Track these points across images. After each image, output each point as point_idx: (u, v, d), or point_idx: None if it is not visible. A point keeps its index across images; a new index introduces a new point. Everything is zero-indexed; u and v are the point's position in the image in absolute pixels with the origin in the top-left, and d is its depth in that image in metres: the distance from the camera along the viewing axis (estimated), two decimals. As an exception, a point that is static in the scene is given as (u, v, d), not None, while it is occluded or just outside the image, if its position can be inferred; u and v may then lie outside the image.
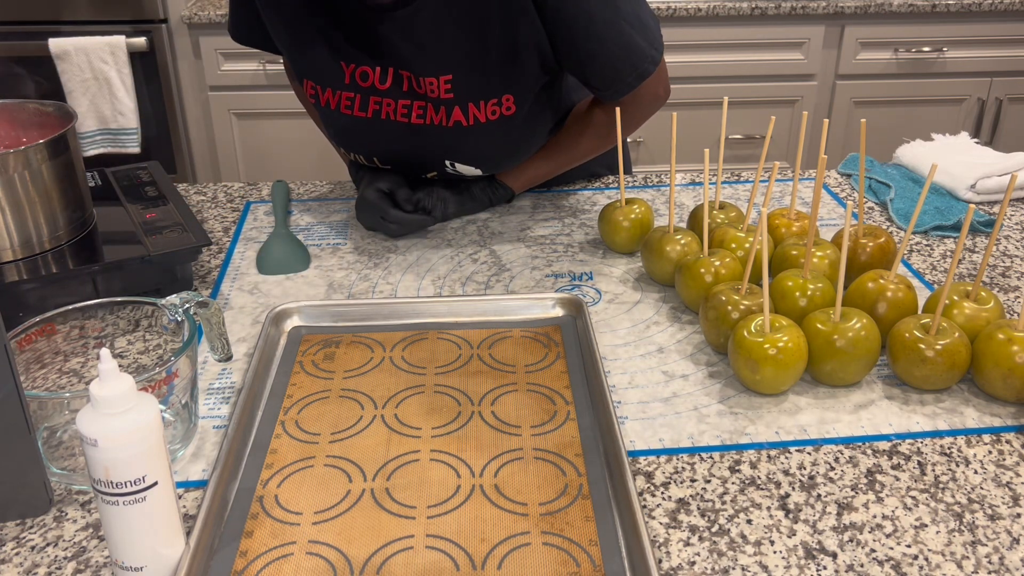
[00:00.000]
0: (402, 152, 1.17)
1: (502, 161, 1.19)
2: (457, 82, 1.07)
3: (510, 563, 0.67)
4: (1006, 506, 0.73)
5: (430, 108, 1.10)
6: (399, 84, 1.10)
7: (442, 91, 1.08)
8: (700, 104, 2.58)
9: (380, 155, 1.18)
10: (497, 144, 1.15)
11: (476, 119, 1.10)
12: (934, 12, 2.56)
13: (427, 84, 1.08)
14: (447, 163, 1.17)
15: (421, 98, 1.10)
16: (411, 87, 1.10)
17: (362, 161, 1.21)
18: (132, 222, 1.09)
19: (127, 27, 2.45)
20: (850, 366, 0.85)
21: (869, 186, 1.31)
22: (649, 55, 1.09)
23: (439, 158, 1.17)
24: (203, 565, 0.67)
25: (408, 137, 1.14)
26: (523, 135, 1.16)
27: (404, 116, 1.12)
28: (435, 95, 1.08)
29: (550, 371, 0.89)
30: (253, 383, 0.86)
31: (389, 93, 1.11)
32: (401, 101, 1.11)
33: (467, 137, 1.12)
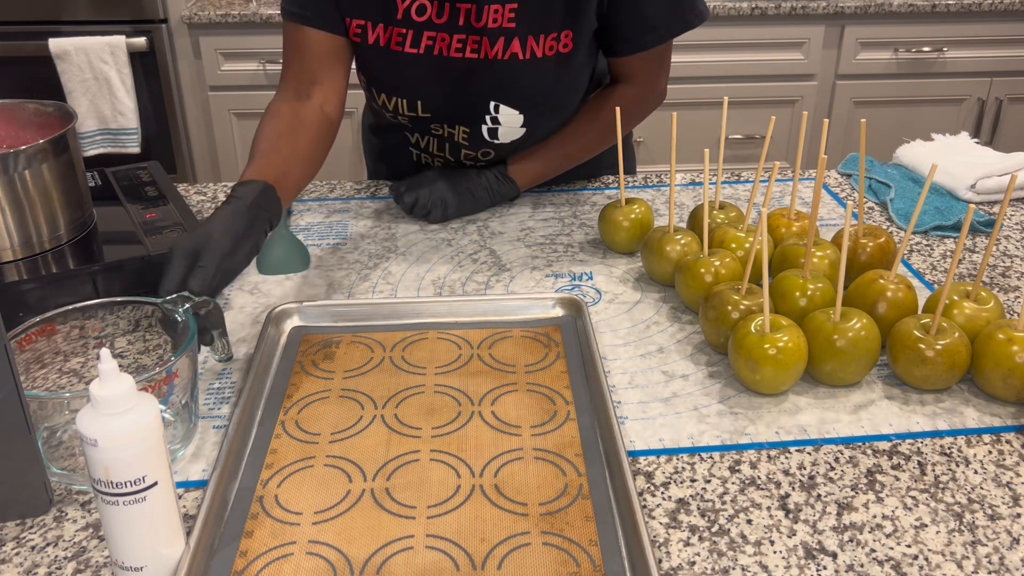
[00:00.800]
0: (449, 95, 1.16)
1: (545, 110, 1.19)
2: (522, 11, 1.08)
3: (510, 563, 0.67)
4: (1006, 506, 0.73)
5: (486, 42, 1.10)
6: (455, 18, 1.10)
7: (505, 19, 1.08)
8: (700, 104, 2.58)
9: (425, 97, 1.17)
10: (547, 85, 1.15)
11: (533, 53, 1.11)
12: (934, 12, 2.56)
13: (490, 12, 1.08)
14: (492, 107, 1.16)
15: (478, 32, 1.10)
16: (468, 21, 1.09)
17: (401, 109, 1.18)
18: (132, 222, 1.09)
19: (127, 27, 2.45)
20: (850, 366, 0.85)
21: (869, 186, 1.31)
22: (697, 10, 1.14)
23: (486, 99, 1.16)
24: (203, 565, 0.67)
25: (459, 75, 1.13)
26: (571, 81, 1.17)
27: (458, 52, 1.11)
28: (496, 24, 1.09)
29: (550, 371, 0.89)
30: (253, 383, 0.86)
31: (445, 27, 1.11)
32: (456, 36, 1.11)
33: (520, 73, 1.12)
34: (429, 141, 1.25)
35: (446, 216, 1.21)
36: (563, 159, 1.26)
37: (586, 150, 1.26)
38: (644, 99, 1.23)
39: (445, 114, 1.19)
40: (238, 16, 2.47)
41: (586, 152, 1.26)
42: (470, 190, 1.22)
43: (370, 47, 1.14)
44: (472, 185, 1.23)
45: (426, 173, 1.24)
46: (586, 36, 1.12)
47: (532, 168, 1.25)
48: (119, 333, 0.89)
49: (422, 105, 1.18)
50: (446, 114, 1.19)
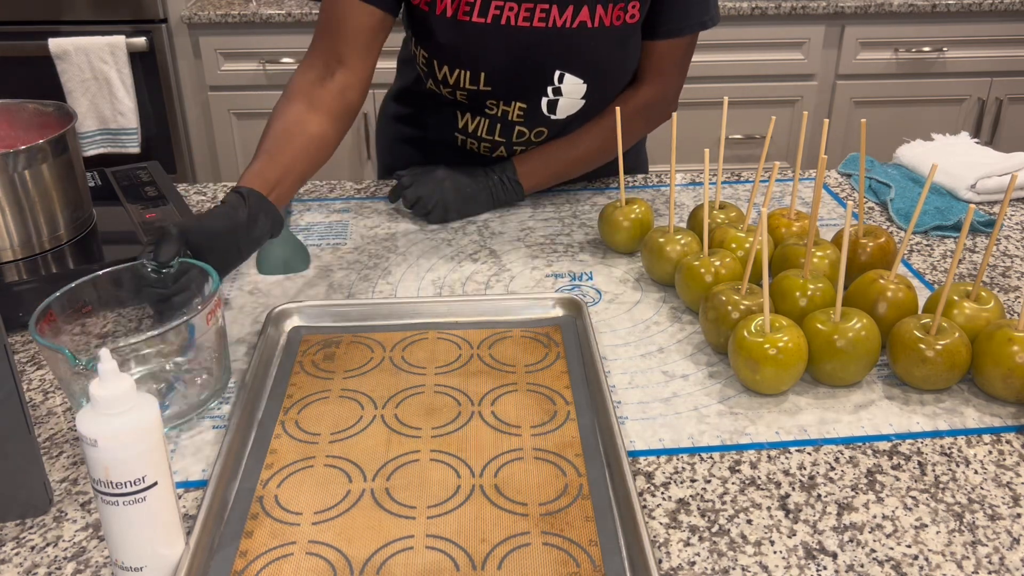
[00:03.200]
0: (514, 64, 1.15)
1: (609, 78, 1.20)
2: None
3: (510, 563, 0.67)
4: (1006, 506, 0.73)
5: (555, 9, 1.11)
6: None
7: None
8: (700, 104, 2.58)
9: (489, 68, 1.16)
10: (612, 53, 1.17)
11: (601, 22, 1.12)
12: (934, 12, 2.56)
13: None
14: (556, 76, 1.16)
15: (546, 0, 1.10)
16: None
17: (464, 84, 1.17)
18: (132, 222, 1.09)
19: (127, 27, 2.45)
20: (850, 366, 0.85)
21: (869, 186, 1.31)
22: (712, 13, 1.20)
23: (552, 68, 1.16)
24: (203, 565, 0.67)
25: (525, 44, 1.13)
26: (633, 51, 1.19)
27: (526, 20, 1.12)
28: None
29: (550, 371, 0.89)
30: (253, 383, 0.86)
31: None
32: (524, 4, 1.11)
33: (588, 41, 1.13)
34: (480, 123, 1.23)
35: (446, 218, 1.21)
36: (573, 164, 1.25)
37: (598, 156, 1.26)
38: (657, 103, 1.24)
39: (507, 87, 1.18)
40: (238, 16, 2.47)
41: (597, 158, 1.26)
42: (474, 194, 1.22)
43: (437, 18, 1.13)
44: (477, 188, 1.22)
45: (434, 172, 1.23)
46: (648, 6, 1.15)
47: (541, 171, 1.25)
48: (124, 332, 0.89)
49: (485, 77, 1.16)
50: (508, 87, 1.18)
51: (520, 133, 1.23)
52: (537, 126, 1.22)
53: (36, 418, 0.84)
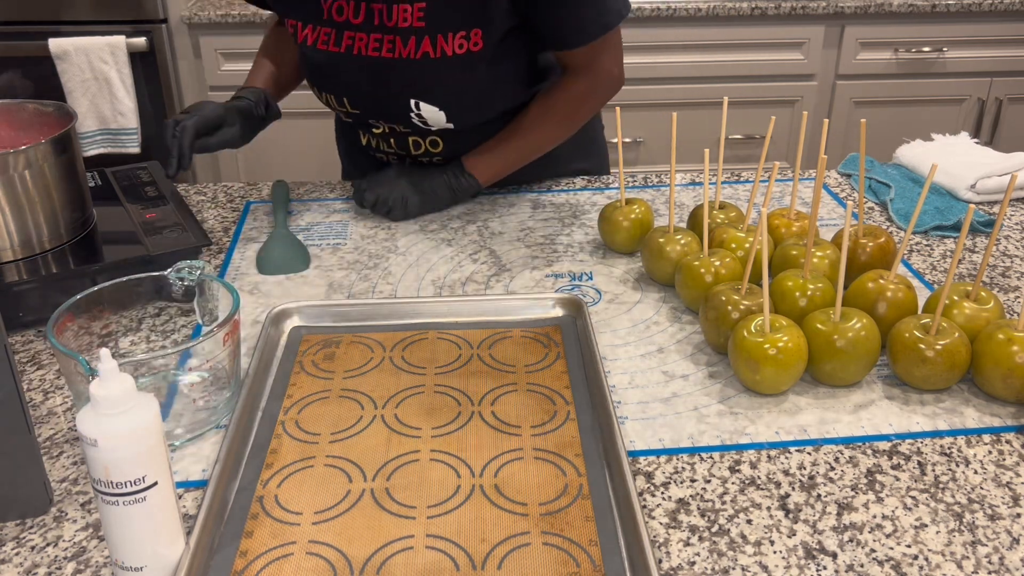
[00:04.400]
0: (371, 92, 1.18)
1: (467, 106, 1.19)
2: (429, 10, 1.09)
3: (510, 563, 0.67)
4: (1006, 506, 0.73)
5: (399, 41, 1.12)
6: (371, 18, 1.12)
7: (414, 19, 1.10)
8: (700, 104, 2.58)
9: (350, 95, 1.20)
10: (463, 83, 1.16)
11: (444, 52, 1.11)
12: (934, 12, 2.56)
13: (399, 13, 1.10)
14: (412, 103, 1.17)
15: (391, 31, 1.12)
16: (382, 21, 1.12)
17: (333, 105, 1.23)
18: (132, 222, 1.09)
19: (127, 27, 2.45)
20: (850, 366, 0.85)
21: (869, 186, 1.31)
22: (614, 8, 1.13)
23: (406, 96, 1.17)
24: (203, 565, 0.67)
25: (377, 73, 1.15)
26: (489, 79, 1.17)
27: (375, 51, 1.14)
28: (407, 24, 1.10)
29: (550, 371, 0.89)
30: (253, 383, 0.86)
31: (361, 27, 1.13)
32: (372, 35, 1.13)
33: (435, 71, 1.13)
34: (372, 138, 1.28)
35: (407, 214, 1.22)
36: (521, 152, 1.25)
37: (543, 143, 1.25)
38: (595, 89, 1.21)
39: (372, 111, 1.22)
40: (238, 16, 2.47)
41: (544, 145, 1.25)
42: (432, 188, 1.23)
43: (300, 45, 1.20)
44: (433, 183, 1.23)
45: (387, 171, 1.25)
46: (498, 33, 1.12)
47: (490, 164, 1.25)
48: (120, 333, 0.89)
49: (348, 102, 1.21)
50: (372, 111, 1.22)
51: (416, 143, 1.25)
52: (428, 136, 1.23)
53: (36, 418, 0.84)
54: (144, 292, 0.88)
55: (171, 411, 0.81)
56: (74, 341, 0.82)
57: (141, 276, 0.87)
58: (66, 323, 0.80)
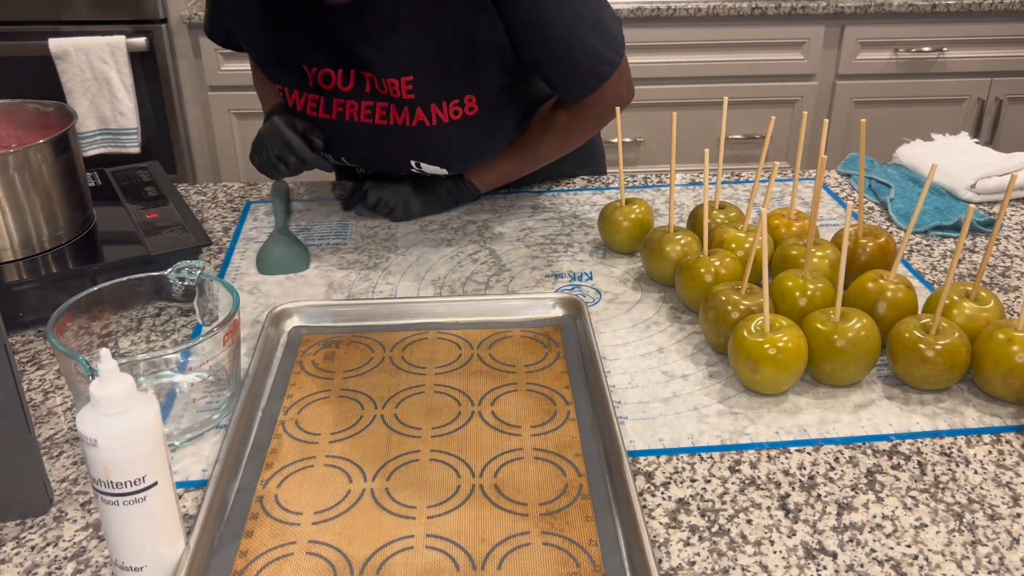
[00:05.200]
0: (369, 152, 1.18)
1: (468, 160, 1.19)
2: (418, 83, 1.08)
3: (510, 563, 0.67)
4: (1006, 506, 0.73)
5: (393, 109, 1.11)
6: (362, 86, 1.11)
7: (404, 92, 1.08)
8: (700, 104, 2.58)
9: (347, 155, 1.19)
10: (461, 144, 1.15)
11: (439, 119, 1.10)
12: (934, 12, 2.56)
13: (389, 85, 1.08)
14: (413, 163, 1.17)
15: (384, 99, 1.10)
16: (374, 88, 1.10)
17: (330, 159, 1.22)
18: (132, 222, 1.09)
19: (127, 27, 2.45)
20: (850, 366, 0.85)
21: (869, 186, 1.31)
22: (607, 58, 1.10)
23: (404, 158, 1.17)
24: (203, 565, 0.67)
25: (373, 138, 1.14)
26: (487, 134, 1.16)
27: (368, 117, 1.13)
28: (398, 96, 1.09)
29: (550, 371, 0.89)
30: (253, 383, 0.86)
31: (352, 95, 1.12)
32: (364, 103, 1.12)
33: (431, 137, 1.12)
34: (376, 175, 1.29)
35: (408, 215, 1.22)
36: (522, 166, 1.25)
37: (545, 157, 1.25)
38: (600, 111, 1.18)
39: (371, 167, 1.24)
40: (238, 16, 2.47)
41: (544, 159, 1.25)
42: (433, 190, 1.23)
43: (291, 109, 1.17)
44: (434, 185, 1.23)
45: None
46: (491, 93, 1.11)
47: (490, 175, 1.25)
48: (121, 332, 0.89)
49: (346, 159, 1.21)
50: (372, 167, 1.24)
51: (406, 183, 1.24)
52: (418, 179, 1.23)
53: (36, 418, 0.84)
54: (144, 292, 0.88)
55: (171, 411, 0.81)
56: (74, 341, 0.82)
57: (141, 276, 0.87)
58: (66, 323, 0.80)
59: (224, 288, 0.85)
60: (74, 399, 0.81)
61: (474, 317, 0.98)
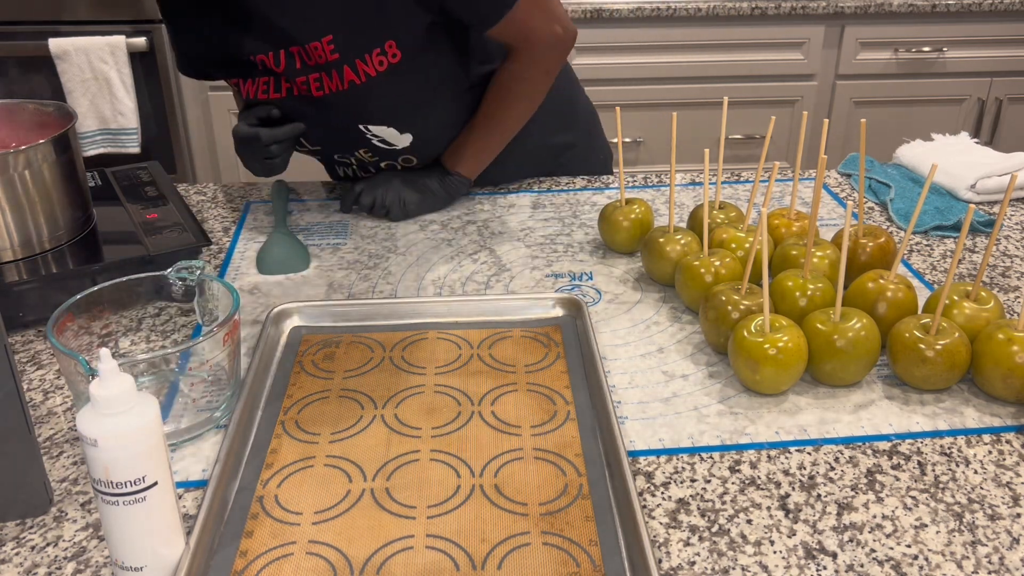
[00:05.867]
0: (322, 129, 1.18)
1: (412, 117, 1.17)
2: (337, 40, 1.08)
3: (510, 563, 0.67)
4: (1006, 506, 0.73)
5: (324, 77, 1.11)
6: (293, 62, 1.12)
7: (328, 53, 1.09)
8: (700, 104, 2.58)
9: (305, 135, 1.20)
10: (397, 96, 1.14)
11: (366, 74, 1.11)
12: (934, 12, 2.56)
13: (314, 52, 1.09)
14: (363, 129, 1.17)
15: (315, 69, 1.11)
16: (303, 62, 1.11)
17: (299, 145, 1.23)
18: (132, 222, 1.09)
19: (127, 27, 2.45)
20: (850, 366, 0.85)
21: (869, 186, 1.31)
22: None
23: (353, 125, 1.17)
24: (203, 565, 0.67)
25: (319, 111, 1.15)
26: (421, 83, 1.15)
27: (312, 90, 1.14)
28: (324, 60, 1.10)
29: (550, 371, 0.89)
30: (253, 383, 0.86)
31: (288, 73, 1.13)
32: (298, 78, 1.13)
33: (366, 95, 1.13)
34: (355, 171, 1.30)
35: (406, 214, 1.22)
36: (493, 137, 1.24)
37: (512, 122, 1.23)
38: (541, 55, 1.17)
39: (331, 146, 1.24)
40: (238, 16, 2.47)
41: (515, 123, 1.23)
42: (427, 186, 1.23)
43: (248, 100, 1.18)
44: (427, 181, 1.23)
45: (380, 174, 1.25)
46: (413, 38, 1.10)
47: (468, 157, 1.24)
48: (121, 332, 0.89)
49: (307, 140, 1.21)
50: (332, 146, 1.24)
51: (390, 166, 1.25)
52: (400, 155, 1.23)
53: (36, 418, 0.84)
54: (144, 292, 0.88)
55: (171, 411, 0.81)
56: (74, 341, 0.82)
57: (141, 276, 0.87)
58: (66, 323, 0.80)
59: (224, 288, 0.85)
60: (74, 399, 0.81)
61: (474, 317, 0.98)
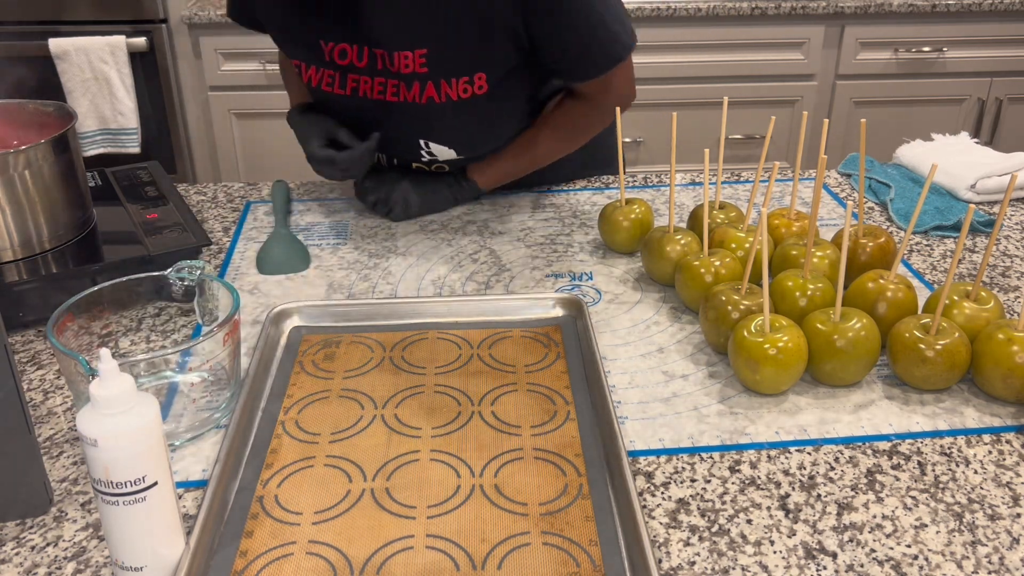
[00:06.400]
0: (379, 128, 1.18)
1: (476, 143, 1.20)
2: (431, 57, 1.08)
3: (510, 563, 0.67)
4: (1006, 506, 0.73)
5: (403, 86, 1.12)
6: (374, 62, 1.12)
7: (416, 66, 1.09)
8: (700, 104, 2.58)
9: (359, 134, 1.19)
10: (469, 123, 1.15)
11: (448, 96, 1.11)
12: (934, 12, 2.56)
13: (401, 60, 1.09)
14: (421, 143, 1.18)
15: (395, 76, 1.11)
16: (385, 65, 1.11)
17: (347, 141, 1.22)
18: (132, 222, 1.09)
19: (127, 27, 2.45)
20: (850, 366, 0.85)
21: (869, 186, 1.31)
22: (622, 41, 1.12)
23: (414, 137, 1.18)
24: (203, 565, 0.67)
25: (384, 116, 1.15)
26: (495, 116, 1.17)
27: (380, 94, 1.14)
28: (409, 70, 1.10)
29: (550, 371, 0.89)
30: (253, 383, 0.86)
31: (366, 71, 1.13)
32: (376, 79, 1.13)
33: (440, 115, 1.13)
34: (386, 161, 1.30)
35: (408, 214, 1.22)
36: (524, 164, 1.25)
37: (548, 156, 1.25)
38: (603, 109, 1.19)
39: (384, 150, 1.24)
40: (238, 16, 2.47)
41: (549, 157, 1.26)
42: (433, 189, 1.24)
43: (306, 84, 1.19)
44: (435, 184, 1.24)
45: (389, 172, 1.26)
46: (502, 73, 1.12)
47: (492, 173, 1.25)
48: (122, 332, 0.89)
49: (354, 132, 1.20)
50: (384, 150, 1.24)
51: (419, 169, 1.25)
52: (434, 163, 1.24)
53: (36, 418, 0.84)
54: (144, 292, 0.88)
55: (171, 411, 0.81)
56: (74, 341, 0.82)
57: (141, 276, 0.87)
58: (66, 323, 0.80)
59: (224, 288, 0.85)
60: (74, 399, 0.81)
61: (474, 317, 0.98)
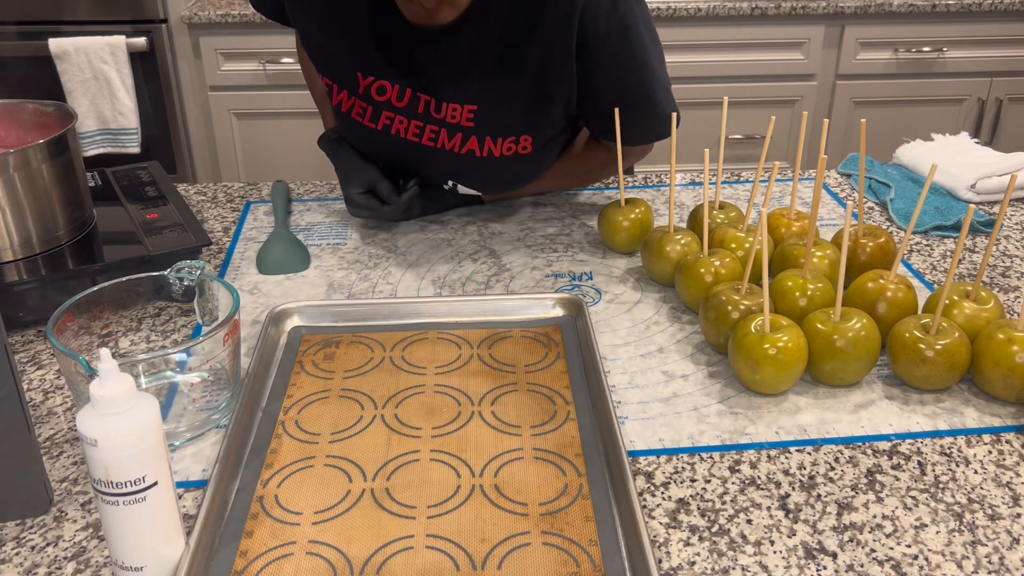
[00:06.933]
0: (406, 164, 1.18)
1: (506, 189, 1.21)
2: (481, 114, 1.08)
3: (510, 563, 0.67)
4: (1006, 506, 0.73)
5: (444, 133, 1.11)
6: (416, 105, 1.10)
7: (463, 119, 1.08)
8: (700, 104, 2.58)
9: (385, 161, 1.18)
10: (505, 177, 1.16)
11: (491, 152, 1.11)
12: (934, 12, 2.56)
13: (449, 110, 1.08)
14: (450, 184, 1.18)
15: (437, 123, 1.10)
16: (427, 110, 1.10)
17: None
18: (132, 222, 1.09)
19: (127, 27, 2.45)
20: (850, 366, 0.85)
21: (869, 186, 1.31)
22: (667, 116, 1.11)
23: (444, 179, 1.18)
24: (203, 565, 0.67)
25: (415, 155, 1.14)
26: (531, 171, 1.17)
27: (416, 136, 1.12)
28: (455, 121, 1.09)
29: (550, 371, 0.89)
30: (253, 383, 0.86)
31: (404, 111, 1.11)
32: (415, 121, 1.11)
33: (477, 167, 1.13)
34: None
35: (410, 215, 1.22)
36: (531, 191, 1.27)
37: (558, 186, 1.28)
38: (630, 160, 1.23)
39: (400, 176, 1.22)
40: (238, 16, 2.48)
41: (558, 187, 1.28)
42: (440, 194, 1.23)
43: (334, 107, 1.16)
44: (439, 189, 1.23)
45: None
46: (547, 138, 1.12)
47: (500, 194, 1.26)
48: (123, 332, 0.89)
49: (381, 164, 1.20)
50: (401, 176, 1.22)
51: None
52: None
53: (36, 418, 0.84)
54: (144, 292, 0.88)
55: (171, 411, 0.81)
56: (74, 341, 0.82)
57: (141, 276, 0.87)
58: (66, 323, 0.80)
59: (224, 288, 0.85)
60: (74, 399, 0.81)
61: (474, 317, 0.98)
